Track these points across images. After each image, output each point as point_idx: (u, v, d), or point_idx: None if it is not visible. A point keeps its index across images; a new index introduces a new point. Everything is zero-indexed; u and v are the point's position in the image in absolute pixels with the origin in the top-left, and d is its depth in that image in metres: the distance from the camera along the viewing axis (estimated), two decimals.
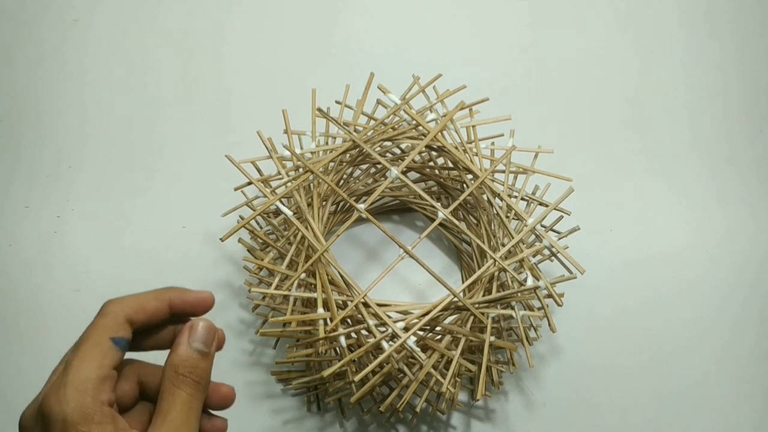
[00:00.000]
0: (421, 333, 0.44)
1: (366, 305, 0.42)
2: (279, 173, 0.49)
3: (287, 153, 0.50)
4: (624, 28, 0.72)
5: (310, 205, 0.47)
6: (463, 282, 0.57)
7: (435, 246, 0.61)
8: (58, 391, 0.30)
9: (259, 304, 0.51)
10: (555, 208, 0.49)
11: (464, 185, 0.55)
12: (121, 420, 0.31)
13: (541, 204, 0.51)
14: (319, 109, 0.49)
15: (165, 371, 0.32)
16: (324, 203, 0.51)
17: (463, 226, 0.59)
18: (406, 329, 0.42)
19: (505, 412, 0.56)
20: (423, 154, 0.56)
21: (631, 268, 0.61)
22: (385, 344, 0.41)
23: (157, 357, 0.36)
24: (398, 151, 0.56)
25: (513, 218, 0.50)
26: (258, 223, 0.56)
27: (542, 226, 0.47)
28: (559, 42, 0.71)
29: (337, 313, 0.41)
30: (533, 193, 0.53)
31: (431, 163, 0.56)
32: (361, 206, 0.43)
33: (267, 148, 0.50)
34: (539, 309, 0.47)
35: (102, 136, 0.65)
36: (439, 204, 0.43)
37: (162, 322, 0.34)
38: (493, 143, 0.55)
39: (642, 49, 0.71)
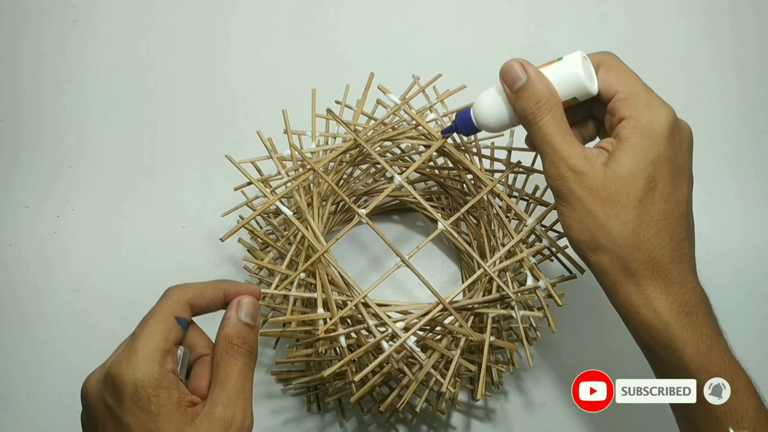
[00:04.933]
0: (421, 333, 0.44)
1: (366, 305, 0.42)
2: (279, 173, 0.49)
3: (287, 153, 0.50)
4: (623, 29, 0.72)
5: (310, 205, 0.47)
6: (463, 282, 0.57)
7: (435, 246, 0.61)
8: (129, 359, 0.32)
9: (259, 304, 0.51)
10: (555, 208, 0.49)
11: (464, 185, 0.55)
12: (183, 386, 0.34)
13: (541, 204, 0.51)
14: (329, 110, 0.49)
15: (218, 343, 0.35)
16: (324, 203, 0.51)
17: (462, 226, 0.59)
18: (406, 329, 0.42)
19: (505, 412, 0.56)
20: (422, 152, 0.56)
21: None
22: (385, 344, 0.41)
23: None
24: (398, 151, 0.56)
25: (513, 218, 0.50)
26: (258, 223, 0.56)
27: (542, 226, 0.47)
28: (558, 42, 0.71)
29: (336, 313, 0.41)
30: (533, 193, 0.53)
31: (431, 163, 0.56)
32: (363, 211, 0.43)
33: (267, 148, 0.50)
34: (539, 309, 0.47)
35: (102, 136, 0.66)
36: (440, 215, 0.43)
37: (216, 309, 0.37)
38: (492, 143, 0.55)
39: (641, 49, 0.71)
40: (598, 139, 0.43)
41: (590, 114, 0.42)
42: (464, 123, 0.43)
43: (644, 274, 0.37)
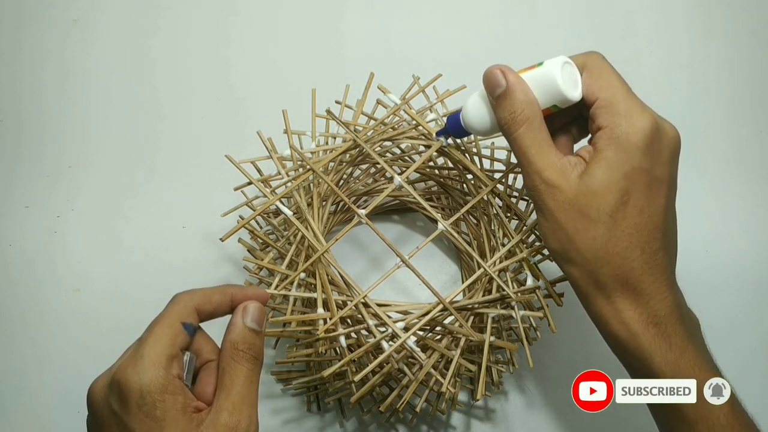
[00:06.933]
0: (421, 333, 0.44)
1: (366, 305, 0.42)
2: (279, 173, 0.49)
3: (287, 153, 0.50)
4: (624, 29, 0.72)
5: (310, 205, 0.47)
6: (463, 282, 0.57)
7: (435, 246, 0.61)
8: (135, 364, 0.33)
9: None
10: None
11: (464, 185, 0.55)
12: (189, 392, 0.34)
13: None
14: (329, 111, 0.49)
15: (224, 349, 0.35)
16: (324, 203, 0.51)
17: (462, 226, 0.59)
18: (406, 329, 0.42)
19: (505, 412, 0.56)
20: (422, 152, 0.56)
21: None
22: (385, 344, 0.41)
23: None
24: (398, 151, 0.56)
25: (513, 218, 0.50)
26: (258, 223, 0.56)
27: None
28: (559, 43, 0.71)
29: (336, 313, 0.41)
30: None
31: (431, 163, 0.56)
32: (362, 211, 0.43)
33: (267, 148, 0.50)
34: (539, 309, 0.47)
35: (102, 136, 0.66)
36: (440, 215, 0.43)
37: (223, 314, 0.38)
38: (492, 143, 0.55)
39: (641, 49, 0.71)
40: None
41: (580, 114, 0.41)
42: (454, 126, 0.43)
43: (613, 287, 0.37)
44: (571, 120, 0.42)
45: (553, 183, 0.37)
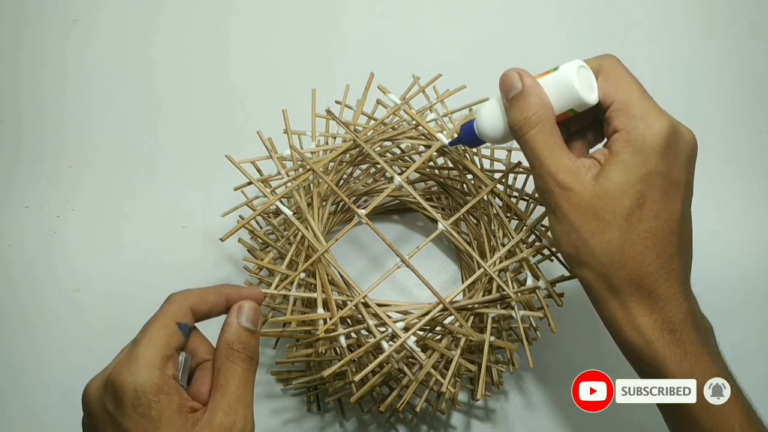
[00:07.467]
0: (421, 333, 0.44)
1: (366, 305, 0.42)
2: (279, 173, 0.49)
3: (287, 153, 0.50)
4: (624, 29, 0.72)
5: (310, 205, 0.47)
6: (462, 282, 0.57)
7: (435, 246, 0.61)
8: (130, 364, 0.33)
9: None
10: None
11: (464, 185, 0.55)
12: (184, 392, 0.34)
13: (541, 204, 0.51)
14: (328, 111, 0.49)
15: (219, 349, 0.36)
16: (324, 203, 0.51)
17: (462, 226, 0.59)
18: (406, 329, 0.42)
19: (505, 412, 0.56)
20: (422, 152, 0.56)
21: None
22: (385, 344, 0.41)
23: None
24: (398, 151, 0.56)
25: (513, 218, 0.50)
26: (258, 223, 0.56)
27: (542, 226, 0.47)
28: (559, 43, 0.71)
29: (336, 313, 0.41)
30: (533, 193, 0.53)
31: (431, 163, 0.56)
32: (362, 211, 0.43)
33: (267, 148, 0.50)
34: (539, 309, 0.47)
35: (102, 136, 0.66)
36: (440, 215, 0.43)
37: (219, 314, 0.38)
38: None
39: (641, 50, 0.71)
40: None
41: (596, 118, 0.41)
42: (468, 134, 0.43)
43: (628, 291, 0.37)
44: (586, 124, 0.41)
45: (567, 185, 0.37)
